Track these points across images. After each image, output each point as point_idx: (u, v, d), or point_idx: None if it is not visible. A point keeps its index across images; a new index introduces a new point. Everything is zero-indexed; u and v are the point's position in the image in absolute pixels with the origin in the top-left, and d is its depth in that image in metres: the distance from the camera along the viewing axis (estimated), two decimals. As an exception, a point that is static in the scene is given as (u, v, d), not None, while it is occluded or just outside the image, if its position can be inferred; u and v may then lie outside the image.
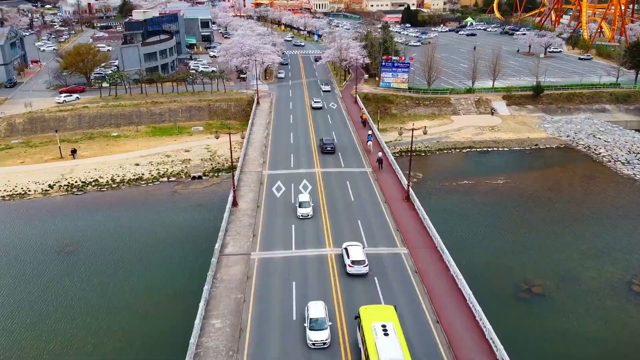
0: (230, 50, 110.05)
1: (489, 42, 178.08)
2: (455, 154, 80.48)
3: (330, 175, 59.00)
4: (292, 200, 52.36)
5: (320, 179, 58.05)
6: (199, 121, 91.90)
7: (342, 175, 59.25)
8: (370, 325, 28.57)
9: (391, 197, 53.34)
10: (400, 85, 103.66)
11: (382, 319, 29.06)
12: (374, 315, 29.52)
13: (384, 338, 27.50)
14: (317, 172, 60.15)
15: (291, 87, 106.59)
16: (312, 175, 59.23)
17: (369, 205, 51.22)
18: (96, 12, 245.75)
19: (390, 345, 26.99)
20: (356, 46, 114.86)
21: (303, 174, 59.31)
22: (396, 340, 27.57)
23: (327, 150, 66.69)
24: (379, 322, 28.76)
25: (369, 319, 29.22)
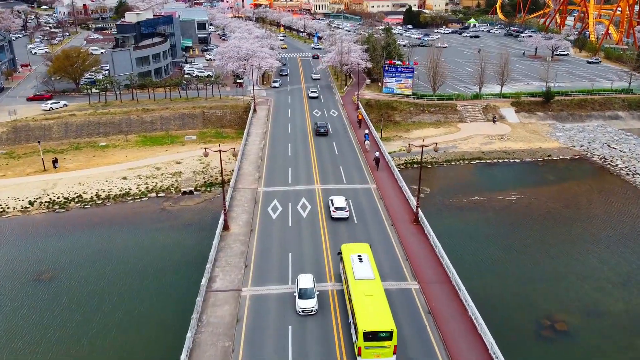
0: (226, 54, 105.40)
1: (494, 44, 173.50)
2: (464, 166, 75.73)
3: (331, 192, 54.26)
4: (289, 223, 47.66)
5: (321, 197, 53.32)
6: (192, 130, 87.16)
7: (344, 192, 54.46)
8: (349, 256, 35.87)
9: (398, 218, 48.62)
10: (403, 91, 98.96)
11: (359, 252, 36.40)
12: (352, 250, 36.90)
13: (359, 264, 34.74)
14: (317, 189, 55.42)
15: (290, 92, 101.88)
16: (311, 192, 54.51)
17: (373, 228, 46.49)
18: (92, 13, 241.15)
19: (364, 268, 34.29)
20: (358, 50, 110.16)
21: (302, 192, 54.59)
22: (368, 265, 34.78)
23: (320, 132, 73.53)
24: (356, 253, 36.04)
25: (348, 252, 36.56)
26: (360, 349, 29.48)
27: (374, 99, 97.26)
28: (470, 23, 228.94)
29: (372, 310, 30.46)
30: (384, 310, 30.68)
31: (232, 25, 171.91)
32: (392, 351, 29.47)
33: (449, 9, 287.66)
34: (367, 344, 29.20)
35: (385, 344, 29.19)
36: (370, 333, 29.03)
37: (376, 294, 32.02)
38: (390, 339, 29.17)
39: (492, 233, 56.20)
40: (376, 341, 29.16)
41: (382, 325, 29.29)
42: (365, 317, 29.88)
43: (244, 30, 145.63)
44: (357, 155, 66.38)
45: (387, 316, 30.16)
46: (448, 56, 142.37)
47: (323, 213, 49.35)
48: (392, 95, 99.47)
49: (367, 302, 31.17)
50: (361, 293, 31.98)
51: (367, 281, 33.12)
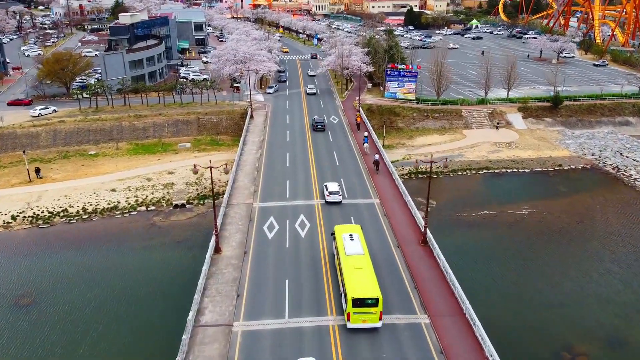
0: (223, 57, 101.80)
1: (497, 46, 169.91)
2: (471, 176, 72.11)
3: (332, 208, 50.69)
4: (287, 244, 44.08)
5: (321, 213, 49.73)
6: (186, 137, 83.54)
7: (345, 208, 50.95)
8: (341, 235, 38.23)
9: (404, 239, 45.01)
10: (406, 96, 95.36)
11: (350, 232, 38.80)
12: (344, 230, 39.30)
13: (350, 241, 37.11)
14: (317, 204, 51.81)
15: (288, 97, 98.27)
16: (310, 208, 50.91)
17: (378, 251, 42.82)
18: (88, 14, 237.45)
19: (354, 245, 36.64)
20: (359, 53, 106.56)
21: (300, 207, 50.98)
22: (358, 242, 37.12)
23: (318, 128, 76.18)
24: (347, 233, 38.47)
25: (340, 232, 38.97)
26: (349, 315, 32.22)
27: (376, 104, 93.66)
28: (472, 24, 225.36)
29: (360, 281, 33.20)
30: (371, 280, 33.42)
31: (230, 26, 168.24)
32: (378, 317, 32.24)
33: (450, 9, 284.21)
34: (355, 309, 31.98)
35: (371, 310, 31.98)
36: (358, 300, 31.82)
37: (364, 267, 34.71)
38: (376, 305, 31.90)
39: (505, 252, 52.56)
40: (363, 307, 31.93)
41: (369, 293, 32.09)
42: (354, 286, 32.63)
43: (242, 32, 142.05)
44: (360, 166, 62.72)
45: (374, 285, 32.90)
46: (451, 58, 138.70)
47: (323, 232, 45.74)
48: (394, 100, 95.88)
49: (356, 274, 33.85)
50: (351, 266, 34.64)
51: (356, 256, 35.66)
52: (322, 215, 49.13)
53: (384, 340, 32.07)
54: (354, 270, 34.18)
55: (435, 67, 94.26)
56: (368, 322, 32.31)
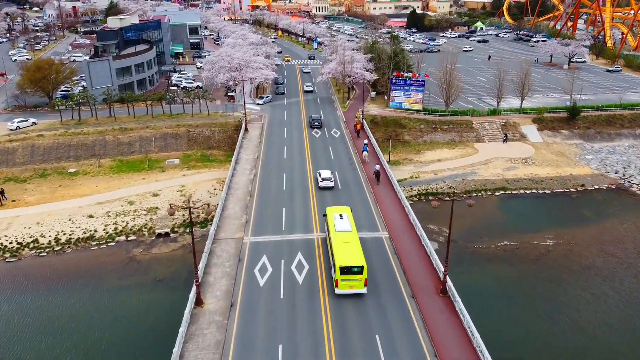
0: (217, 64, 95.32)
1: (504, 50, 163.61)
2: (486, 198, 65.62)
3: (333, 245, 44.23)
4: (281, 293, 37.61)
5: (321, 251, 43.27)
6: (175, 152, 77.04)
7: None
8: (332, 215, 41.77)
9: (419, 286, 38.48)
10: (413, 106, 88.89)
11: (340, 212, 42.40)
12: (335, 211, 42.87)
13: (339, 220, 40.81)
14: (317, 238, 45.33)
15: (286, 107, 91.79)
16: (309, 244, 44.44)
17: (389, 302, 36.32)
18: (81, 16, 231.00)
19: (343, 223, 40.43)
20: (361, 59, 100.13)
21: (298, 243, 44.49)
22: (347, 221, 40.77)
23: (315, 125, 78.51)
24: (337, 213, 42.10)
25: (331, 212, 42.49)
26: (337, 282, 35.75)
27: (380, 114, 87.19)
28: (477, 26, 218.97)
29: (347, 252, 36.66)
30: (357, 251, 36.85)
31: (227, 29, 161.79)
32: (362, 283, 35.84)
33: (453, 11, 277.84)
34: (342, 277, 35.50)
35: (357, 277, 35.52)
36: (345, 268, 35.39)
37: (352, 241, 38.21)
38: (361, 273, 35.46)
39: (531, 295, 46.05)
40: (350, 274, 35.48)
41: (355, 262, 35.60)
42: (342, 256, 36.13)
43: (238, 36, 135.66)
44: (366, 192, 56.12)
45: (360, 256, 36.34)
46: (457, 63, 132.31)
47: (324, 278, 39.24)
48: (400, 110, 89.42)
49: (343, 246, 37.38)
50: (340, 241, 38.20)
51: (345, 232, 39.28)
52: (322, 255, 42.63)
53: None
54: (342, 243, 37.91)
55: (444, 74, 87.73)
56: (354, 288, 36.03)
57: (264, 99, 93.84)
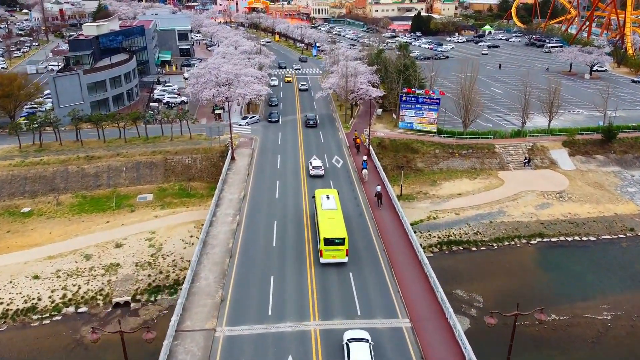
0: (202, 78, 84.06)
1: (517, 57, 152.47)
2: (521, 248, 54.35)
3: (337, 337, 32.91)
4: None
5: (320, 350, 32.03)
6: (148, 184, 65.80)
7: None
8: (319, 196, 46.46)
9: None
10: (426, 127, 77.63)
11: (327, 194, 47.08)
12: (323, 192, 47.60)
13: (326, 200, 45.43)
14: (314, 330, 33.99)
15: (282, 127, 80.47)
16: (304, 338, 33.15)
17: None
18: (68, 19, 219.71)
19: (329, 203, 44.97)
20: (366, 72, 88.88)
21: (288, 339, 33.16)
22: (333, 201, 45.37)
23: (309, 125, 79.08)
24: (325, 194, 46.74)
25: (319, 194, 47.14)
26: (321, 252, 40.52)
27: (388, 137, 75.94)
28: (485, 30, 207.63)
29: (331, 226, 41.21)
30: (340, 226, 41.23)
31: (220, 34, 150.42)
32: (344, 253, 40.43)
33: (458, 13, 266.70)
34: (326, 247, 40.12)
35: (339, 248, 40.08)
36: (329, 239, 39.97)
37: (336, 218, 42.53)
38: (342, 244, 40.01)
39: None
40: (333, 245, 40.01)
41: (337, 234, 40.15)
42: (326, 229, 40.74)
43: (231, 43, 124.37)
44: (377, 252, 44.78)
45: (342, 229, 40.76)
46: (468, 72, 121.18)
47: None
48: (411, 131, 78.16)
49: (328, 222, 41.85)
50: (325, 217, 42.59)
51: (331, 210, 43.70)
52: (322, 353, 31.35)
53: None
54: (327, 219, 41.90)
55: (462, 89, 76.41)
56: (337, 258, 40.11)
57: (247, 119, 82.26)
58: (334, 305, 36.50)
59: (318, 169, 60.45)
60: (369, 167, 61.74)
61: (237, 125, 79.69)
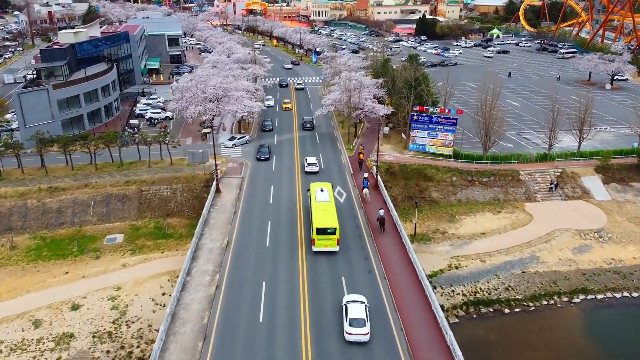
0: (188, 93, 74.84)
1: (529, 63, 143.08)
2: (563, 310, 44.97)
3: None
4: None
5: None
6: (119, 222, 56.54)
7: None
8: (314, 189, 48.64)
9: None
10: (441, 150, 68.39)
11: (322, 187, 49.12)
12: (317, 185, 49.65)
13: (320, 192, 47.52)
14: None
15: (276, 147, 71.15)
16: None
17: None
18: (58, 22, 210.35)
19: (323, 195, 47.01)
20: (371, 84, 79.67)
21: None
22: (327, 194, 47.36)
23: (306, 127, 77.98)
24: (319, 187, 48.91)
25: (314, 187, 49.27)
26: (314, 241, 42.64)
27: (398, 161, 66.64)
28: (493, 34, 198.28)
29: (324, 216, 43.11)
30: (333, 216, 43.16)
31: (214, 39, 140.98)
32: (335, 242, 42.50)
33: (463, 15, 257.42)
34: (318, 236, 42.28)
35: (331, 237, 42.19)
36: (321, 229, 42.06)
37: (329, 209, 44.39)
38: (334, 233, 42.11)
39: None
40: (325, 235, 42.16)
41: (329, 224, 42.21)
42: (319, 219, 42.69)
43: (224, 50, 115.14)
44: (389, 319, 35.54)
45: (334, 220, 42.73)
46: (478, 80, 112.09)
47: None
48: (423, 154, 68.91)
49: (321, 213, 43.78)
50: (319, 208, 44.53)
51: (324, 202, 45.66)
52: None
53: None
54: (321, 210, 44.19)
55: (482, 106, 67.03)
56: (329, 247, 42.68)
57: (235, 139, 72.53)
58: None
59: (313, 166, 62.28)
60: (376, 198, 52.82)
61: (224, 147, 70.35)
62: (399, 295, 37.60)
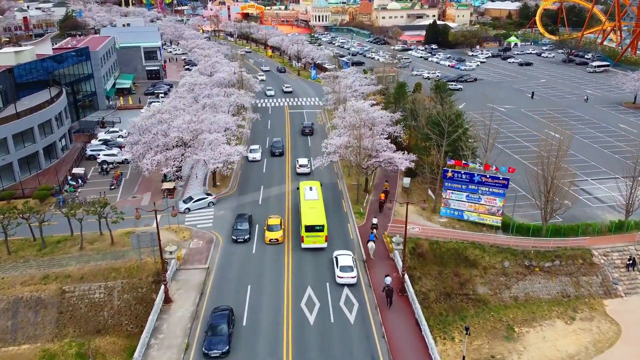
0: (147, 135, 56.89)
1: (558, 79, 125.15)
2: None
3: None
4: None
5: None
6: (28, 344, 38.52)
7: None
8: (303, 188, 50.35)
9: None
10: (484, 219, 50.41)
11: (310, 185, 51.10)
12: (306, 184, 51.40)
13: (309, 191, 49.39)
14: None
15: (261, 211, 53.13)
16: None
17: None
18: (34, 28, 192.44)
19: (312, 193, 49.04)
20: (385, 118, 61.95)
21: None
22: (316, 192, 49.29)
23: (305, 133, 76.24)
24: (308, 186, 50.80)
25: (303, 186, 51.02)
26: (303, 238, 44.41)
27: (426, 234, 48.52)
28: (510, 42, 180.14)
29: (312, 214, 45.14)
30: (321, 214, 45.27)
31: (199, 52, 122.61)
32: (324, 239, 44.44)
33: (473, 20, 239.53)
34: (307, 233, 44.13)
35: (319, 234, 44.12)
36: (309, 226, 44.04)
37: (317, 207, 46.44)
38: (322, 230, 44.10)
39: None
40: (313, 232, 44.09)
41: (318, 221, 44.21)
42: (307, 217, 44.76)
43: (207, 66, 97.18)
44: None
45: (322, 217, 44.88)
46: (509, 102, 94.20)
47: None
48: (459, 223, 50.99)
49: (310, 210, 45.76)
50: (307, 206, 46.51)
51: (312, 200, 47.61)
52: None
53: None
54: (309, 208, 46.05)
55: (542, 164, 48.77)
56: (317, 243, 44.49)
57: (190, 202, 53.08)
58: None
59: (304, 167, 61.29)
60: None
61: (180, 211, 52.21)
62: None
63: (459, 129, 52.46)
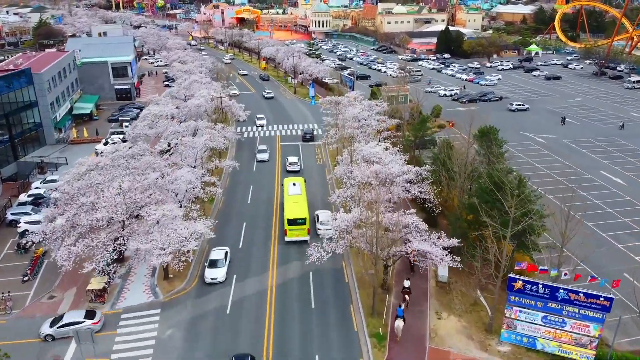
0: (70, 210, 39.50)
1: (593, 96, 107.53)
2: None
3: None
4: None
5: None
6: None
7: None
8: (287, 184, 52.34)
9: None
10: (570, 353, 32.87)
11: (294, 181, 52.87)
12: (290, 180, 53.38)
13: (292, 187, 51.25)
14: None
15: (225, 322, 35.81)
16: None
17: None
18: (7, 36, 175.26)
19: (295, 189, 50.86)
20: (402, 173, 44.83)
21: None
22: (299, 187, 51.15)
23: (306, 139, 74.63)
24: (292, 182, 52.57)
25: (287, 182, 52.95)
26: (286, 231, 45.63)
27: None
28: (531, 51, 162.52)
29: (295, 208, 46.53)
30: (303, 208, 46.60)
31: (179, 67, 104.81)
32: (306, 232, 45.64)
33: (485, 24, 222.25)
34: (290, 227, 45.47)
35: (301, 227, 45.45)
36: (292, 220, 45.43)
37: (300, 201, 48.02)
38: (304, 224, 45.40)
39: None
40: (295, 225, 45.41)
41: (299, 215, 45.56)
42: (290, 211, 46.19)
43: (182, 90, 79.86)
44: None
45: (304, 211, 46.15)
46: (546, 130, 76.72)
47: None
48: (528, 354, 33.55)
49: (293, 205, 47.30)
50: (291, 201, 48.23)
51: (296, 195, 49.42)
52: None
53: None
54: (292, 203, 47.66)
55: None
56: (300, 236, 45.61)
57: (54, 326, 34.54)
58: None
59: (294, 165, 62.53)
60: None
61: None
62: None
63: (526, 205, 34.76)
